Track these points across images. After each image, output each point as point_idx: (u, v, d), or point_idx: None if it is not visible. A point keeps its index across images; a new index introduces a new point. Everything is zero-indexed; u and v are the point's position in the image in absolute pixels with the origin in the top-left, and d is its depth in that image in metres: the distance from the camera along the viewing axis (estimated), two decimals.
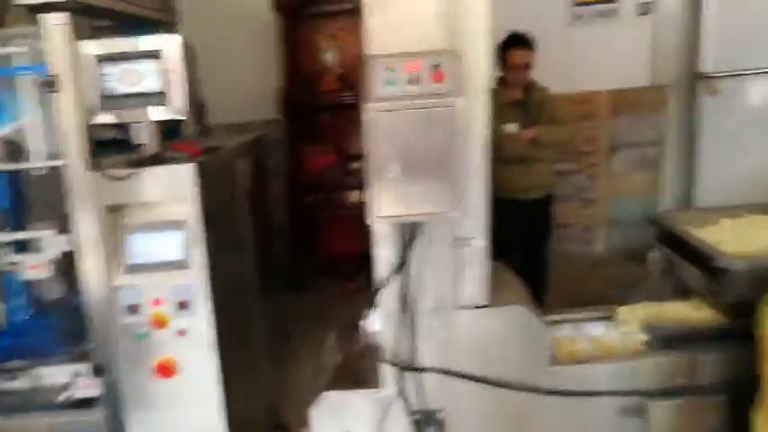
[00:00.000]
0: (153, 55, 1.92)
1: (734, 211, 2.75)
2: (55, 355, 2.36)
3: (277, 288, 3.40)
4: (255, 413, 2.74)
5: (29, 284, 2.33)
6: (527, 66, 3.57)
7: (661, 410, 2.28)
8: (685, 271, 2.53)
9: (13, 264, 2.21)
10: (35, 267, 2.20)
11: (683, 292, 2.61)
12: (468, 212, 2.12)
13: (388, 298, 2.20)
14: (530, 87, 3.66)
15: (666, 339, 2.35)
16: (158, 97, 1.95)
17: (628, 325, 2.50)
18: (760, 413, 1.97)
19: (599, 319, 2.64)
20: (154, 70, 1.92)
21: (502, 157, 3.53)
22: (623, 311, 2.57)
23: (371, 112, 1.82)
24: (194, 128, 3.03)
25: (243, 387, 2.50)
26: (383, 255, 2.15)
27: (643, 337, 2.40)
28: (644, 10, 4.82)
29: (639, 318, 2.46)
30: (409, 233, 2.08)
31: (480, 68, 1.99)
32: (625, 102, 4.98)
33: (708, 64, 4.63)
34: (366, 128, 1.84)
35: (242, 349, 2.57)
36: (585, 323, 2.64)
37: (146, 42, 1.94)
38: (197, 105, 3.08)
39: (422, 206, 1.90)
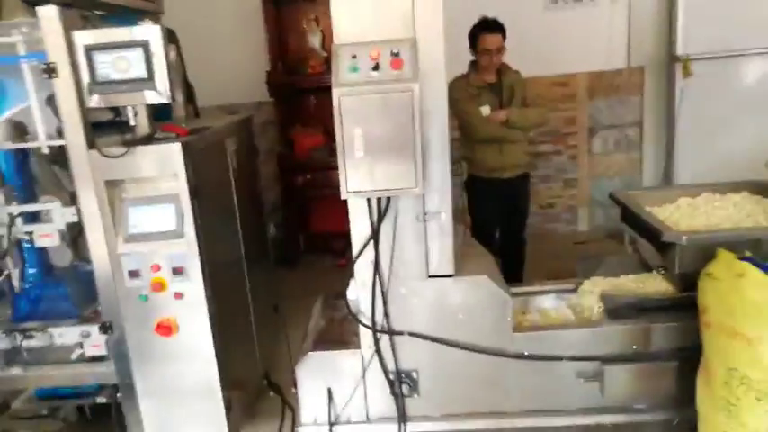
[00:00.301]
0: (139, 44, 2.12)
1: (693, 189, 2.92)
2: (67, 317, 2.62)
3: (268, 262, 3.62)
4: (248, 373, 2.98)
5: (41, 252, 2.57)
6: (498, 50, 3.71)
7: (616, 375, 2.47)
8: (642, 246, 2.73)
9: (27, 233, 2.45)
10: (47, 236, 2.44)
11: (645, 267, 2.83)
12: (433, 189, 2.33)
13: (363, 267, 2.41)
14: (502, 71, 3.82)
15: (621, 309, 2.56)
16: (146, 83, 2.16)
17: (588, 296, 2.72)
18: (701, 376, 2.19)
19: (564, 291, 2.87)
20: (141, 58, 2.13)
21: (476, 137, 3.80)
22: (586, 284, 2.78)
23: (337, 97, 2.03)
24: (185, 110, 3.27)
25: (236, 347, 2.74)
26: (357, 228, 2.37)
27: (600, 306, 2.63)
28: None
29: (600, 290, 2.68)
30: (378, 208, 2.30)
31: (436, 55, 2.19)
32: (603, 84, 5.17)
33: (682, 46, 4.83)
34: (334, 111, 2.05)
35: (234, 314, 2.81)
36: (549, 295, 2.89)
37: (132, 33, 2.14)
38: (185, 89, 3.29)
39: (387, 183, 2.12)
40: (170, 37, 3.07)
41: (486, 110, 3.72)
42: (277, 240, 5.19)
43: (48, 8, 2.15)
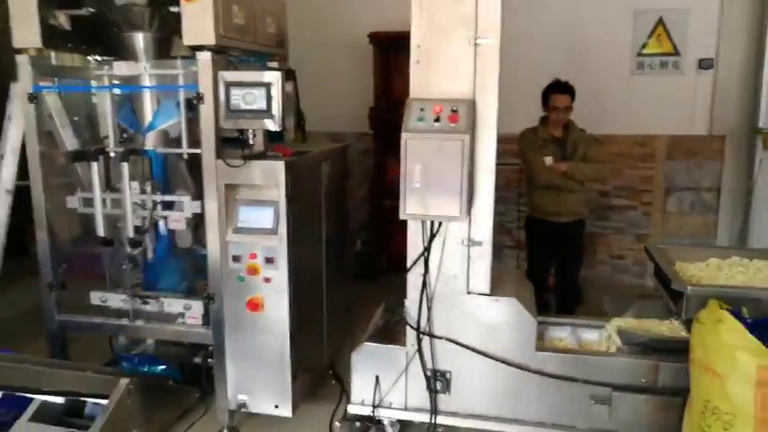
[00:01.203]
0: (264, 85, 2.80)
1: (725, 251, 3.23)
2: (178, 289, 3.34)
3: (347, 270, 4.23)
4: (315, 358, 3.56)
5: (170, 234, 3.31)
6: (566, 108, 4.18)
7: (624, 402, 2.84)
8: (663, 295, 3.09)
9: (163, 217, 3.19)
10: (177, 221, 3.17)
11: (669, 313, 3.15)
12: (478, 221, 2.85)
13: (414, 278, 2.95)
14: (570, 127, 4.27)
15: (635, 345, 2.94)
16: (265, 114, 2.83)
17: (610, 331, 3.11)
18: (687, 406, 2.53)
19: (594, 326, 3.27)
20: (263, 96, 2.81)
21: (537, 183, 4.26)
22: (613, 321, 3.17)
23: (405, 139, 2.61)
24: (295, 134, 3.98)
25: (307, 332, 3.33)
26: (413, 245, 2.92)
27: (618, 341, 3.01)
28: (706, 65, 5.25)
29: (623, 328, 3.05)
30: (431, 230, 2.84)
31: (490, 113, 2.72)
32: (683, 147, 5.42)
33: (765, 120, 5.03)
34: (401, 149, 2.63)
35: (309, 305, 3.41)
36: (580, 327, 3.29)
37: (260, 76, 2.83)
38: (298, 118, 4.00)
39: (436, 210, 2.66)
40: (288, 75, 3.83)
41: (548, 160, 4.19)
42: (362, 255, 5.83)
43: (205, 53, 2.88)
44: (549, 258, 4.41)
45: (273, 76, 2.84)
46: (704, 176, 5.47)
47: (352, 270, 4.96)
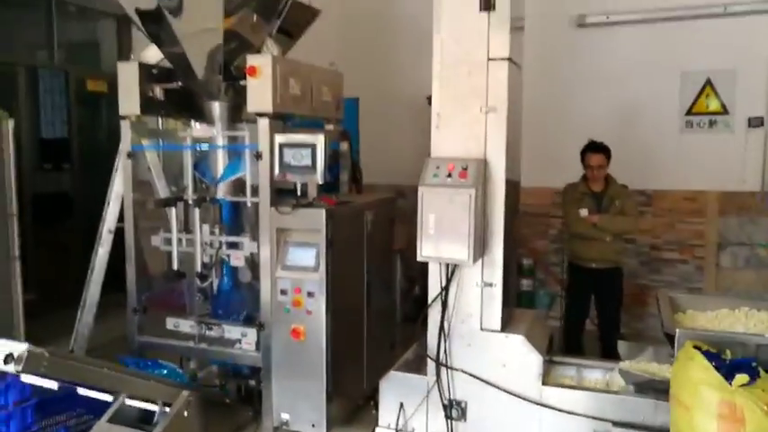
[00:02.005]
0: (310, 146, 3.35)
1: (736, 302, 3.40)
2: (238, 318, 3.88)
3: (392, 310, 4.65)
4: (353, 386, 3.97)
5: (233, 270, 3.88)
6: (600, 166, 4.59)
7: None
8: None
9: (227, 254, 3.77)
10: (237, 258, 3.73)
11: None
12: (491, 266, 3.22)
13: (434, 314, 3.34)
14: (609, 182, 4.66)
15: (635, 385, 3.16)
16: (310, 169, 3.38)
17: (615, 371, 3.33)
18: None
19: (603, 367, 3.50)
20: (309, 154, 3.36)
21: (572, 232, 4.59)
22: (622, 364, 3.40)
23: (421, 191, 3.05)
24: (349, 186, 4.51)
25: (345, 362, 3.76)
26: (433, 284, 3.32)
27: (621, 380, 3.24)
28: (756, 123, 5.36)
29: (625, 368, 3.27)
30: (447, 272, 3.23)
31: (499, 169, 3.12)
32: (735, 203, 5.50)
33: None
34: (418, 201, 3.07)
35: (349, 337, 3.85)
36: (588, 368, 3.53)
37: (307, 138, 3.38)
38: (352, 172, 4.54)
39: (447, 254, 3.06)
40: (343, 136, 4.39)
41: (583, 212, 4.59)
42: (419, 300, 6.22)
43: (264, 119, 3.48)
44: (585, 302, 4.74)
45: (318, 139, 3.39)
46: (758, 232, 5.50)
47: (410, 313, 5.34)
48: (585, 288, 4.73)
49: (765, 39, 5.40)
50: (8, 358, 2.72)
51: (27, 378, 2.90)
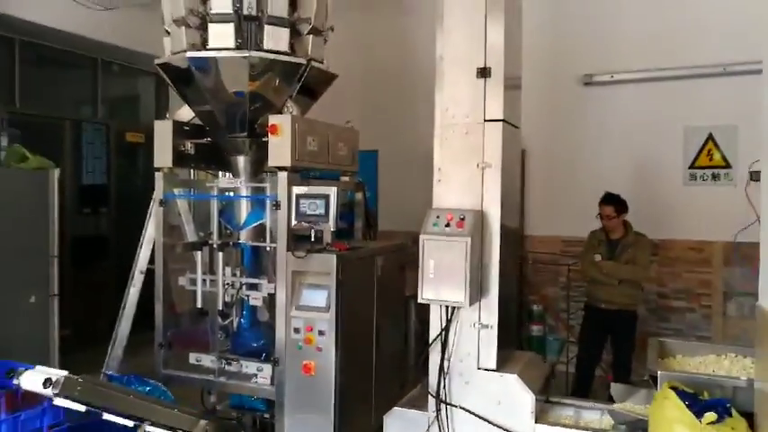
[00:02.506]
0: (323, 197, 3.69)
1: (726, 349, 3.58)
2: (256, 354, 4.17)
3: (402, 350, 4.89)
4: (361, 421, 4.20)
5: (252, 309, 4.19)
6: (609, 216, 5.02)
7: None
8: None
9: (247, 295, 4.09)
10: (256, 298, 4.05)
11: None
12: (487, 309, 3.47)
13: (434, 354, 3.59)
14: (628, 231, 5.12)
15: (624, 424, 3.34)
16: (323, 218, 3.71)
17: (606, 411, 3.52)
18: None
19: (598, 408, 3.68)
20: (323, 205, 3.69)
21: (584, 275, 5.24)
22: (615, 405, 3.58)
23: (422, 239, 3.35)
24: (363, 233, 4.83)
25: (354, 397, 4.01)
26: (434, 325, 3.58)
27: (610, 420, 3.43)
28: (757, 176, 5.53)
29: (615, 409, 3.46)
30: (447, 314, 3.49)
31: (494, 221, 3.41)
32: (740, 253, 5.66)
33: None
34: (419, 248, 3.36)
35: (358, 374, 4.10)
36: (584, 409, 3.72)
37: (320, 191, 3.73)
38: (367, 220, 4.86)
39: (445, 296, 3.33)
40: (357, 187, 4.74)
41: (597, 257, 5.08)
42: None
43: (283, 173, 3.84)
44: (596, 343, 5.16)
45: (331, 190, 3.73)
46: None
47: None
48: (596, 327, 5.18)
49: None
50: (47, 382, 3.07)
51: (61, 402, 3.22)
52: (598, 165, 6.27)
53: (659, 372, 3.06)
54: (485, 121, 3.45)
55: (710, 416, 2.52)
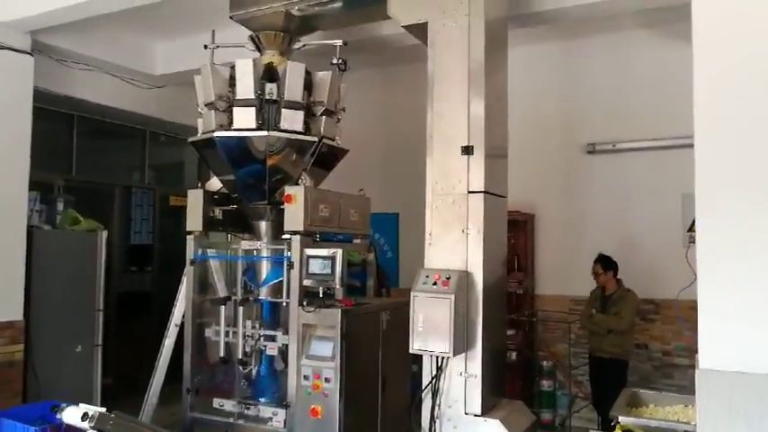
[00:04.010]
0: (330, 258, 4.20)
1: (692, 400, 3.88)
2: (273, 399, 4.62)
3: (407, 400, 5.25)
4: None
5: (269, 359, 4.67)
6: (597, 273, 5.72)
7: None
8: None
9: (265, 345, 4.58)
10: (272, 349, 4.53)
11: None
12: (472, 359, 3.87)
13: (427, 399, 3.97)
14: (619, 287, 5.73)
15: None
16: (330, 276, 4.20)
17: None
18: None
19: None
20: (330, 265, 4.20)
21: (582, 326, 5.93)
22: None
23: (413, 295, 3.80)
24: (376, 290, 5.30)
25: None
26: (426, 374, 3.98)
27: None
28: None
29: None
30: (437, 363, 3.90)
31: (478, 279, 3.84)
32: None
33: None
34: (410, 303, 3.81)
35: (364, 420, 4.49)
36: None
37: (327, 252, 4.24)
38: (379, 278, 5.33)
39: (433, 348, 3.75)
40: (369, 249, 5.23)
41: (592, 311, 5.75)
42: None
43: (296, 237, 4.38)
44: (600, 387, 5.65)
45: (337, 252, 4.24)
46: None
47: None
48: (595, 373, 5.80)
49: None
50: (84, 416, 3.57)
51: None
52: (602, 228, 6.64)
53: (620, 417, 3.39)
54: (468, 192, 3.93)
55: None
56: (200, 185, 4.97)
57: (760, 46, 2.96)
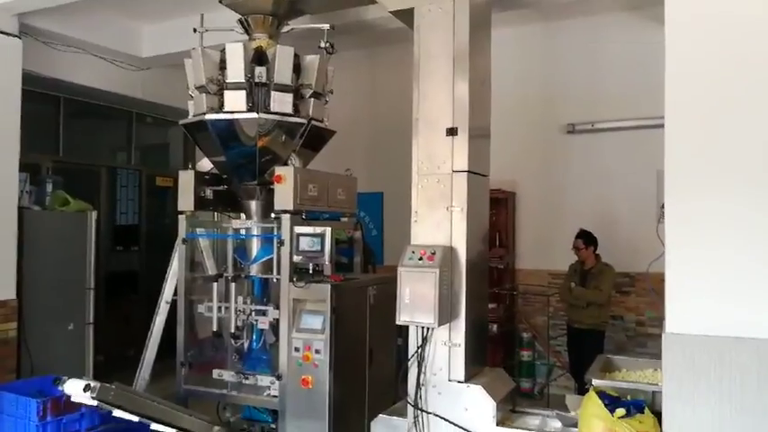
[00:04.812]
0: (319, 235, 4.37)
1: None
2: (266, 371, 4.80)
3: (391, 368, 5.47)
4: (356, 428, 4.76)
5: (260, 332, 4.85)
6: (579, 248, 5.99)
7: None
8: None
9: (256, 320, 4.75)
10: (264, 323, 4.71)
11: None
12: (456, 329, 4.08)
13: (413, 368, 4.18)
14: (598, 262, 6.03)
15: (568, 426, 3.88)
16: (319, 253, 4.38)
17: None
18: None
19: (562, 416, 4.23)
20: (319, 242, 4.37)
21: (562, 299, 6.24)
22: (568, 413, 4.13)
23: (399, 271, 3.98)
24: (363, 267, 5.48)
25: (349, 407, 4.60)
26: (412, 344, 4.19)
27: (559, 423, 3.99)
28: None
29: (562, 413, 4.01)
30: (422, 334, 4.10)
31: (461, 254, 4.03)
32: None
33: None
34: (397, 278, 4.00)
35: (352, 389, 4.70)
36: (551, 417, 4.27)
37: (315, 230, 4.40)
38: (362, 255, 5.52)
39: (418, 319, 3.94)
40: (356, 227, 5.40)
41: (572, 285, 6.01)
42: None
43: (286, 215, 4.53)
44: (578, 356, 5.88)
45: (326, 230, 4.41)
46: None
47: None
48: (572, 343, 6.09)
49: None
50: (86, 387, 3.74)
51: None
52: (580, 205, 6.88)
53: (593, 380, 3.63)
54: (453, 171, 4.11)
55: (620, 411, 3.09)
56: (190, 166, 5.09)
57: (729, 31, 3.17)
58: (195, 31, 4.90)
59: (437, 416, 4.08)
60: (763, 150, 3.15)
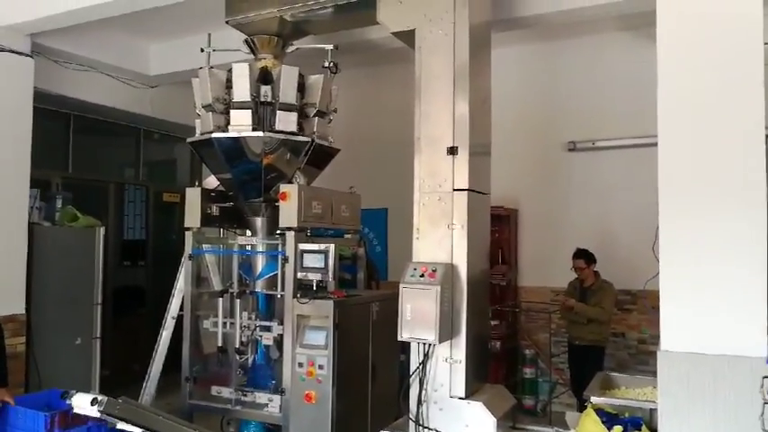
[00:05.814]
0: (323, 252, 4.45)
1: None
2: (269, 386, 4.86)
3: (394, 384, 5.52)
4: None
5: (265, 348, 4.91)
6: (581, 268, 5.98)
7: None
8: None
9: (260, 335, 4.82)
10: (267, 338, 4.77)
11: None
12: (457, 346, 4.13)
13: (415, 384, 4.24)
14: (597, 279, 6.04)
15: None
16: (323, 269, 4.45)
17: None
18: None
19: None
20: (322, 258, 4.45)
21: (562, 316, 6.22)
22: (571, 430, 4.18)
23: (402, 287, 4.05)
24: (367, 283, 5.55)
25: (350, 422, 4.65)
26: (413, 360, 4.24)
27: None
28: None
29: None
30: (424, 350, 4.16)
31: (462, 271, 4.10)
32: None
33: None
34: (399, 295, 4.06)
35: (354, 403, 4.75)
36: None
37: (320, 247, 4.48)
38: (368, 272, 5.59)
39: (419, 336, 4.00)
40: (359, 242, 5.48)
41: (572, 301, 5.98)
42: None
43: (291, 232, 4.62)
44: (579, 372, 5.92)
45: (330, 247, 4.49)
46: None
47: None
48: (573, 360, 6.11)
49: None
50: (93, 401, 3.81)
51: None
52: (582, 222, 6.94)
53: (592, 398, 3.67)
54: (453, 190, 4.19)
55: (617, 429, 3.14)
56: (197, 184, 5.19)
57: (719, 51, 3.25)
58: (202, 50, 5.02)
59: None
60: (756, 168, 3.21)
